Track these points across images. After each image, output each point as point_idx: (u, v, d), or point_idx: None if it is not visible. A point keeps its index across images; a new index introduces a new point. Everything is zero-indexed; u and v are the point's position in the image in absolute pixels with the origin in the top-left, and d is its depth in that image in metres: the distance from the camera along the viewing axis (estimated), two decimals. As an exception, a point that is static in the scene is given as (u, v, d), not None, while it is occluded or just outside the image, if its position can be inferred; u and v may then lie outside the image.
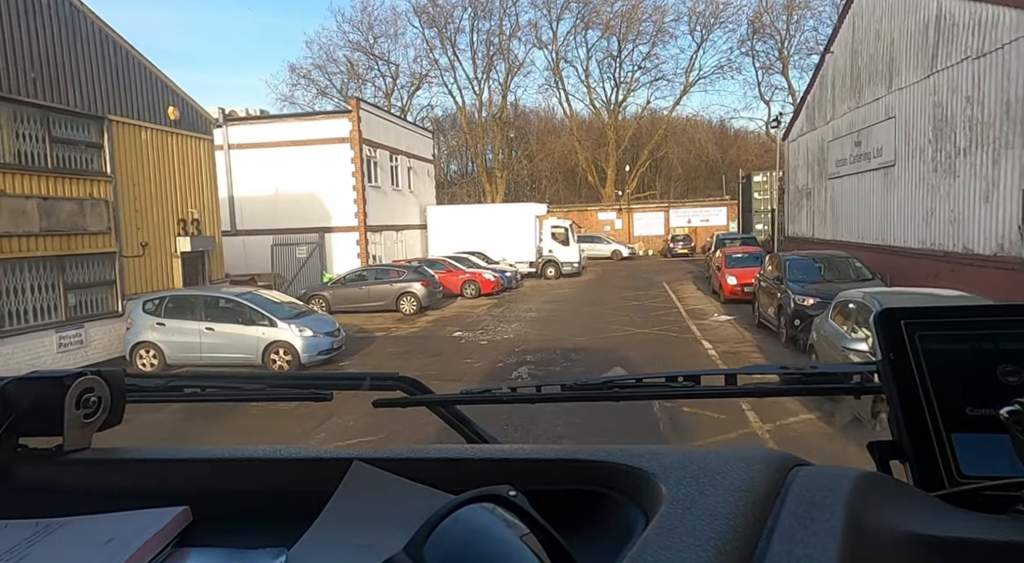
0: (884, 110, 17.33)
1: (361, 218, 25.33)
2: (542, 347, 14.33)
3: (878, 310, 0.85)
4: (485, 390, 1.17)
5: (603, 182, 54.91)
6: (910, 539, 0.60)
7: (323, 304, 20.95)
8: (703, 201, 48.61)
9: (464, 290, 24.23)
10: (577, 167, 56.91)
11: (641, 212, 48.03)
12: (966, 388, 0.79)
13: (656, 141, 54.02)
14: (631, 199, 51.09)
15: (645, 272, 32.75)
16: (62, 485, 0.85)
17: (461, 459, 0.82)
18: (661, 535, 0.57)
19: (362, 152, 25.35)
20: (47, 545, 0.74)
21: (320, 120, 25.53)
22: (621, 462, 0.74)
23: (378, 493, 0.76)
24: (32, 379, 0.87)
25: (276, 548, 0.73)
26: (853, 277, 13.45)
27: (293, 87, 62.61)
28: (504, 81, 55.66)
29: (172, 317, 13.15)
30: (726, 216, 46.58)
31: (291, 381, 1.38)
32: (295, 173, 25.18)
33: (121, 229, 14.12)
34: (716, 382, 1.04)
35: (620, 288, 25.76)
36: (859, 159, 18.87)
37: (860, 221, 19.05)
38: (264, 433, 8.59)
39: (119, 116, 14.05)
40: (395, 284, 20.83)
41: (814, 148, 22.42)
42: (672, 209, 47.50)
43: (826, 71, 22.20)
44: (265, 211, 25.46)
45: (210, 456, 0.88)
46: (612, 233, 46.59)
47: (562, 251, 30.50)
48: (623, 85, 54.90)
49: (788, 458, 0.72)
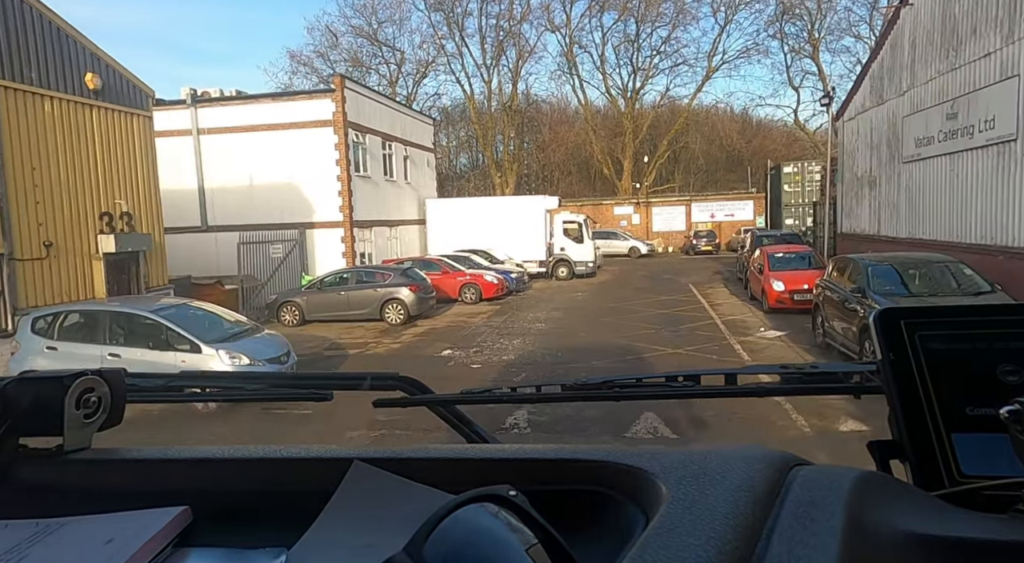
0: (999, 68, 13.54)
1: (347, 212, 22.30)
2: (550, 374, 11.30)
3: (877, 310, 0.85)
4: (485, 390, 1.20)
5: (619, 174, 51.56)
6: (910, 539, 0.60)
7: (295, 313, 17.95)
8: (727, 194, 45.20)
9: (463, 294, 21.17)
10: (592, 159, 53.59)
11: (660, 206, 44.69)
12: (966, 388, 0.79)
13: (676, 130, 50.58)
14: (649, 192, 47.74)
15: (667, 272, 29.52)
16: (62, 485, 0.85)
17: (461, 459, 0.82)
18: (661, 535, 0.57)
19: (348, 137, 22.31)
20: (47, 545, 0.74)
21: (300, 100, 22.49)
22: (621, 462, 0.74)
23: (378, 493, 0.76)
24: (32, 379, 0.88)
25: (276, 548, 0.74)
26: (959, 288, 10.22)
27: (292, 75, 59.67)
28: (514, 67, 52.43)
29: (69, 339, 10.20)
30: (752, 210, 43.19)
31: (291, 381, 1.38)
32: (273, 161, 22.19)
33: (10, 225, 11.13)
34: (716, 382, 1.06)
35: (641, 292, 22.58)
36: (955, 135, 15.05)
37: (955, 215, 15.14)
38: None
39: (6, 80, 11.04)
40: (379, 289, 17.79)
41: (881, 126, 18.62)
42: (694, 203, 44.14)
43: (900, 30, 18.40)
44: (239, 204, 22.49)
45: (210, 456, 0.88)
46: (629, 228, 43.34)
47: (575, 249, 27.33)
48: (641, 71, 51.39)
49: (788, 458, 0.73)
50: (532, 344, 14.03)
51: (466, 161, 61.76)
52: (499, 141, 54.65)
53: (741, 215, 43.20)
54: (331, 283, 18.39)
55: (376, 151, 25.07)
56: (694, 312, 17.70)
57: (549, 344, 13.89)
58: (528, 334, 15.71)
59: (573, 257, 27.25)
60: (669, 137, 50.60)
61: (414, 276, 18.52)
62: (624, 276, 28.48)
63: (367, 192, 23.91)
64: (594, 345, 13.42)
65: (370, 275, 18.55)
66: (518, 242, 27.14)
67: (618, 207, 45.18)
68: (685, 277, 26.67)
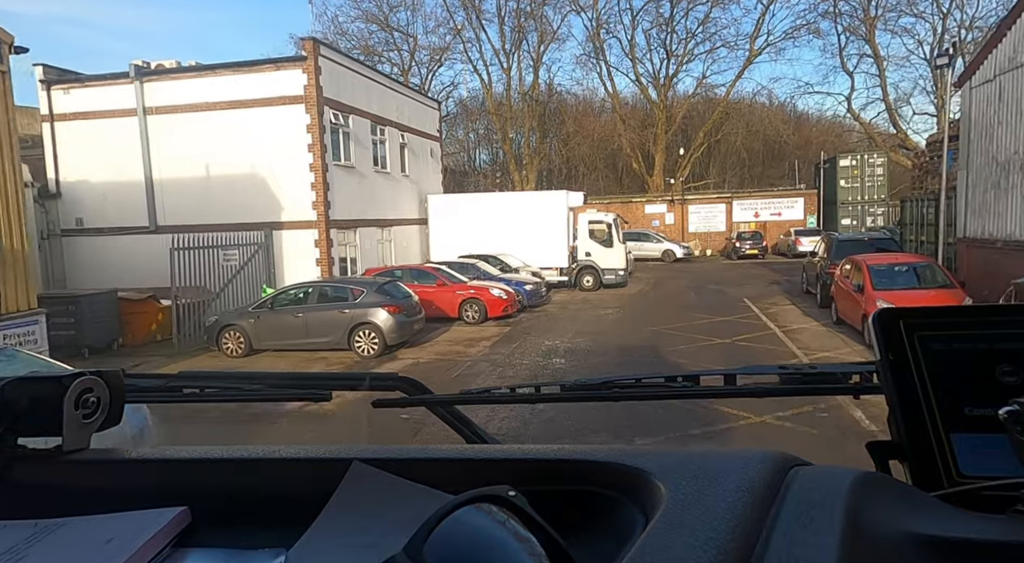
0: None
1: (321, 210, 18.09)
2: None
3: (876, 310, 0.84)
4: (484, 390, 1.21)
5: (650, 169, 46.89)
6: (909, 539, 0.61)
7: (240, 340, 13.74)
8: (773, 191, 40.31)
9: (463, 312, 16.85)
10: (620, 152, 48.98)
11: (698, 204, 39.95)
12: (965, 388, 0.79)
13: (714, 121, 45.79)
14: (684, 189, 43.04)
15: (712, 280, 24.93)
16: (61, 485, 0.85)
17: (461, 459, 0.82)
18: (660, 535, 0.57)
19: (323, 117, 18.10)
20: (46, 545, 0.75)
21: (266, 71, 18.27)
22: (620, 462, 0.74)
23: (378, 493, 0.76)
24: (31, 379, 0.88)
25: (275, 548, 0.74)
26: None
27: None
28: (536, 53, 48.04)
29: None
30: (803, 209, 38.34)
31: (290, 381, 1.30)
32: (235, 146, 18.07)
33: None
34: (715, 382, 1.05)
35: (687, 308, 18.06)
36: None
37: None
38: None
39: None
40: (347, 310, 13.53)
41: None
42: (736, 200, 39.35)
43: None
44: (195, 200, 18.42)
45: (209, 456, 0.88)
46: (661, 229, 38.72)
47: (603, 254, 22.83)
48: (675, 57, 46.61)
49: (787, 458, 0.72)
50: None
51: (486, 157, 57.42)
52: (519, 135, 50.32)
53: (789, 214, 38.37)
54: (286, 301, 14.14)
55: (363, 136, 20.83)
56: (767, 342, 13.20)
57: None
58: (542, 375, 11.40)
59: (600, 263, 22.77)
60: (707, 128, 45.85)
61: (395, 293, 14.22)
62: (662, 286, 23.96)
63: (350, 185, 19.68)
64: (639, 407, 9.02)
65: (339, 291, 14.29)
66: (536, 246, 22.77)
67: (649, 205, 40.56)
68: (736, 288, 22.09)
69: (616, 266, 22.79)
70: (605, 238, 22.83)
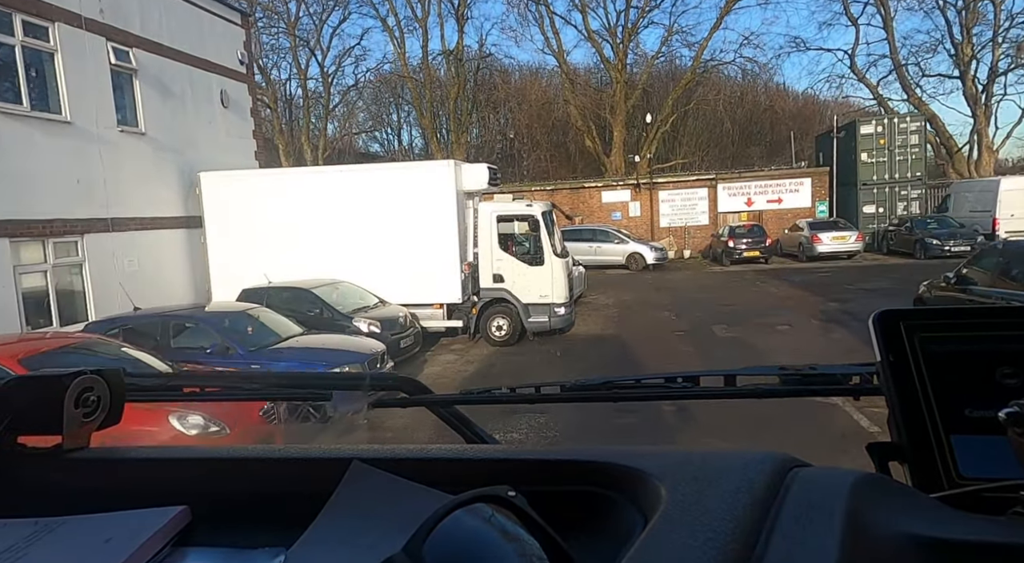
0: None
1: None
2: None
3: (876, 311, 0.85)
4: (484, 390, 1.19)
5: (607, 147, 37.00)
6: (908, 540, 0.61)
7: None
8: (771, 171, 30.65)
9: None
10: (569, 127, 38.99)
11: (671, 189, 29.98)
12: (965, 390, 0.79)
13: (687, 84, 36.02)
14: (652, 170, 33.16)
15: (713, 309, 14.87)
16: (61, 484, 0.85)
17: (460, 459, 0.82)
18: (660, 536, 0.58)
19: None
20: (46, 544, 0.74)
21: None
22: (620, 463, 0.74)
23: (377, 493, 0.76)
24: (31, 378, 0.87)
25: (275, 548, 0.74)
26: None
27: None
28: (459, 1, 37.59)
29: None
30: (810, 193, 28.76)
31: (290, 381, 1.33)
32: None
33: None
34: (715, 383, 1.04)
35: (696, 411, 8.00)
36: None
37: None
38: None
39: None
40: None
41: None
42: (721, 183, 29.51)
43: None
44: None
45: (209, 456, 0.88)
46: (624, 224, 28.78)
47: (526, 276, 12.59)
48: (634, 8, 36.62)
49: (787, 459, 0.72)
50: None
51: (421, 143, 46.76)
52: (442, 110, 39.94)
53: (792, 201, 28.78)
54: None
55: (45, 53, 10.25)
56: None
57: None
58: None
59: (522, 293, 12.53)
60: (676, 93, 36.05)
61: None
62: (632, 325, 13.88)
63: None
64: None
65: None
66: (403, 266, 12.51)
67: (608, 192, 30.51)
68: (767, 333, 12.14)
69: (550, 296, 12.55)
70: (528, 248, 12.60)
